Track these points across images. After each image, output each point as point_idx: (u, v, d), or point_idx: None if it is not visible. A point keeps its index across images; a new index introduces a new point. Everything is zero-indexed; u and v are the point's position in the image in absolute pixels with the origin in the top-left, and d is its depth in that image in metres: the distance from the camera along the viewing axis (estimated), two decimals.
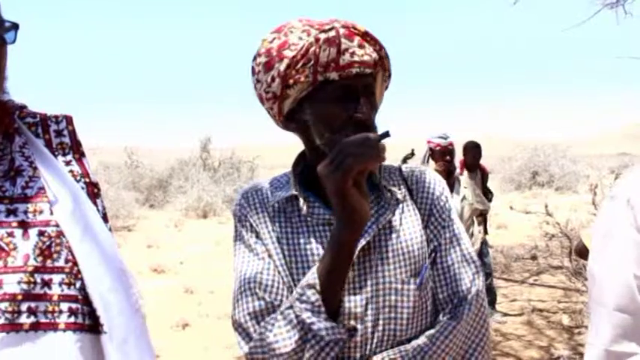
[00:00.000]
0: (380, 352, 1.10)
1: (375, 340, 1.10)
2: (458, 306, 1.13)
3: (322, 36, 1.08)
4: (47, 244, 0.89)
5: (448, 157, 4.27)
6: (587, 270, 1.28)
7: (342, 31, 1.10)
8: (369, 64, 1.11)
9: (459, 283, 1.15)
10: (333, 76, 1.08)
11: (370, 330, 1.10)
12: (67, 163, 1.01)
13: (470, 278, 1.16)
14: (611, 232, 1.21)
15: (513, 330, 5.24)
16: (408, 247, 1.14)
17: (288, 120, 1.17)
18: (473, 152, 5.44)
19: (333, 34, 1.09)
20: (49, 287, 0.87)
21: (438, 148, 4.28)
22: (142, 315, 0.98)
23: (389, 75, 1.21)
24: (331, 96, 1.09)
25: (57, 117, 1.04)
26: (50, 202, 0.93)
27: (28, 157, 0.96)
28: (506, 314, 5.61)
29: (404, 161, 1.25)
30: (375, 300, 1.11)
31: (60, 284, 0.89)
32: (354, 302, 1.10)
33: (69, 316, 0.88)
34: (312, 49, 1.07)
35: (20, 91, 1.01)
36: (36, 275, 0.86)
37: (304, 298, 1.02)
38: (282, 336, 1.03)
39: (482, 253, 5.55)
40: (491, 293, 5.66)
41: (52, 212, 0.92)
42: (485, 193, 5.71)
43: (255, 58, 1.17)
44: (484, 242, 5.64)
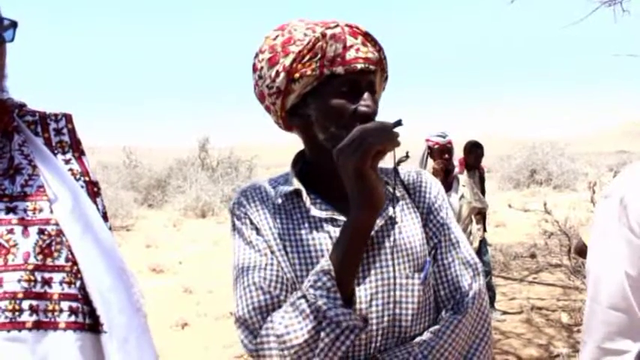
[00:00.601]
0: (385, 348, 1.10)
1: (380, 336, 1.10)
2: (460, 302, 1.14)
3: (328, 32, 1.10)
4: (47, 242, 0.89)
5: (447, 156, 4.27)
6: (585, 268, 1.28)
7: (346, 29, 1.12)
8: (373, 61, 1.12)
9: (460, 280, 1.16)
10: (339, 70, 1.09)
11: (375, 326, 1.10)
12: (67, 161, 1.01)
13: (470, 275, 1.16)
14: (604, 230, 1.22)
15: (512, 328, 5.24)
16: (410, 242, 1.15)
17: (291, 115, 1.18)
18: (476, 152, 5.51)
19: (338, 30, 1.11)
20: (50, 286, 0.87)
21: (437, 146, 4.28)
22: (143, 314, 0.98)
23: (386, 77, 1.22)
24: (337, 90, 1.10)
25: (56, 115, 1.03)
26: (50, 200, 0.93)
27: (27, 156, 0.95)
28: (505, 312, 5.62)
29: (398, 163, 1.26)
30: (379, 295, 1.11)
31: (60, 283, 0.88)
32: (358, 298, 1.08)
33: (69, 316, 0.88)
34: (319, 43, 1.09)
35: (19, 90, 1.01)
36: (36, 273, 0.86)
37: (319, 284, 1.01)
38: (294, 327, 1.01)
39: (482, 252, 5.55)
40: (490, 291, 5.66)
41: (51, 211, 0.92)
42: (483, 192, 5.73)
43: (257, 55, 1.17)
44: (483, 240, 5.64)
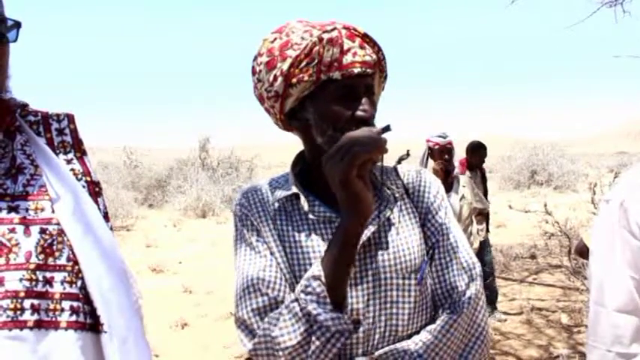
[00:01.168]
0: (382, 347, 1.11)
1: (376, 335, 1.11)
2: (457, 301, 1.15)
3: (325, 36, 1.10)
4: (49, 242, 0.89)
5: (447, 156, 4.27)
6: (587, 271, 1.29)
7: (343, 32, 1.12)
8: (370, 64, 1.13)
9: (457, 280, 1.16)
10: (336, 75, 1.10)
11: (372, 326, 1.11)
12: (69, 161, 1.01)
13: (468, 275, 1.17)
14: (606, 234, 1.23)
15: (512, 329, 5.24)
16: (407, 243, 1.16)
17: (290, 119, 1.19)
18: (480, 153, 5.56)
19: (335, 34, 1.11)
20: (51, 285, 0.87)
21: (437, 147, 4.28)
22: (140, 316, 0.99)
23: (385, 77, 1.22)
24: (334, 95, 1.11)
25: (59, 115, 1.04)
26: (52, 200, 0.93)
27: (29, 155, 0.96)
28: (505, 313, 5.61)
29: (399, 162, 1.27)
30: (376, 296, 1.12)
31: (62, 282, 0.89)
32: (355, 298, 1.11)
33: (70, 315, 0.88)
34: (316, 48, 1.09)
35: (21, 90, 1.01)
36: (38, 273, 0.86)
37: (309, 289, 1.03)
38: (287, 329, 1.04)
39: (484, 252, 5.56)
40: (492, 292, 5.67)
41: (53, 210, 0.92)
42: (485, 192, 5.74)
43: (255, 58, 1.18)
44: (486, 241, 5.64)
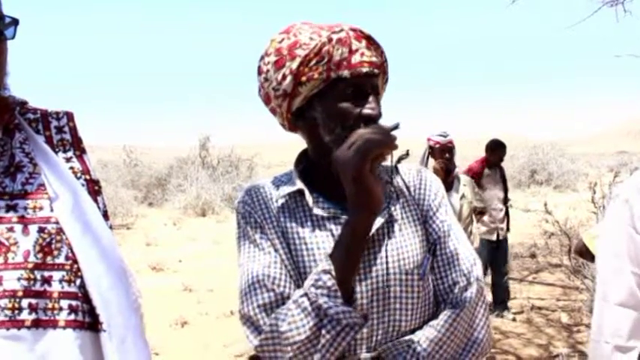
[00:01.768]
0: (385, 343, 1.12)
1: (380, 331, 1.13)
2: (459, 295, 1.16)
3: (334, 36, 1.12)
4: (47, 240, 0.89)
5: (447, 155, 4.27)
6: (588, 270, 1.33)
7: (351, 33, 1.14)
8: (376, 64, 1.15)
9: (458, 276, 1.18)
10: (345, 74, 1.11)
11: (376, 321, 1.12)
12: (68, 159, 1.01)
13: (468, 269, 1.18)
14: (611, 229, 1.26)
15: (512, 328, 5.24)
16: (410, 239, 1.18)
17: (297, 117, 1.20)
18: (500, 151, 5.65)
19: (344, 35, 1.13)
20: (50, 284, 0.87)
21: (438, 145, 4.28)
22: (140, 314, 0.98)
23: (387, 79, 1.24)
24: (342, 93, 1.12)
25: (58, 113, 1.03)
26: (50, 198, 0.93)
27: (28, 154, 0.95)
28: (505, 309, 5.61)
29: (398, 161, 1.28)
30: (380, 291, 1.13)
31: (60, 281, 0.88)
32: (359, 294, 1.12)
33: (69, 314, 0.88)
34: (326, 47, 1.11)
35: (21, 88, 1.00)
36: (36, 272, 0.86)
37: (320, 283, 1.04)
38: (296, 324, 1.04)
39: (501, 251, 5.58)
40: (505, 291, 5.67)
41: (52, 209, 0.92)
42: (506, 190, 5.77)
43: (262, 58, 1.19)
44: (505, 239, 5.65)
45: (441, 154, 4.28)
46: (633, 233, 1.20)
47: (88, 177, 1.01)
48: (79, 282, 0.90)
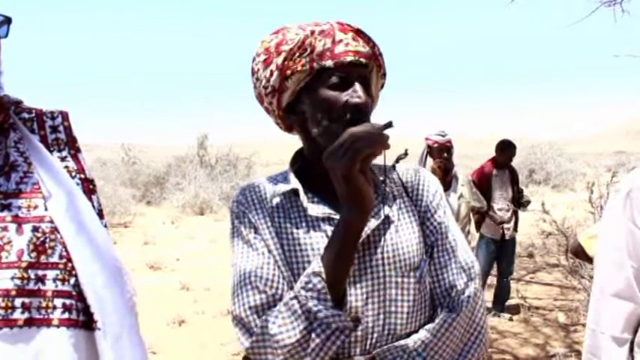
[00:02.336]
0: (380, 346, 1.11)
1: (375, 334, 1.11)
2: (456, 300, 1.15)
3: (317, 29, 1.12)
4: (41, 239, 0.89)
5: (446, 155, 4.27)
6: (584, 270, 1.35)
7: (335, 25, 1.14)
8: (363, 54, 1.13)
9: (456, 279, 1.16)
10: (329, 63, 1.10)
11: (371, 324, 1.11)
12: (63, 159, 1.01)
13: (467, 274, 1.17)
14: (611, 222, 1.28)
15: (509, 327, 5.25)
16: (406, 240, 1.16)
17: (287, 114, 1.19)
18: (509, 151, 5.65)
19: (327, 27, 1.13)
20: (43, 283, 0.87)
21: (436, 145, 4.28)
22: (135, 313, 0.98)
23: (384, 74, 1.22)
24: (327, 83, 1.11)
25: (53, 113, 1.03)
26: (45, 197, 0.93)
27: (23, 153, 0.95)
28: (502, 310, 5.62)
29: (397, 161, 1.28)
30: (375, 294, 1.12)
31: (54, 280, 0.88)
32: (354, 296, 1.10)
33: (63, 312, 0.88)
34: (308, 40, 1.11)
35: (16, 87, 1.00)
36: (30, 271, 0.86)
37: (310, 286, 1.03)
38: (287, 327, 1.03)
39: (505, 251, 5.58)
40: (506, 291, 5.68)
41: (46, 208, 0.92)
42: (520, 191, 5.77)
43: (254, 59, 1.19)
44: (511, 240, 5.64)
45: (440, 153, 4.28)
46: (633, 227, 1.22)
47: (82, 176, 1.01)
48: (73, 281, 0.90)
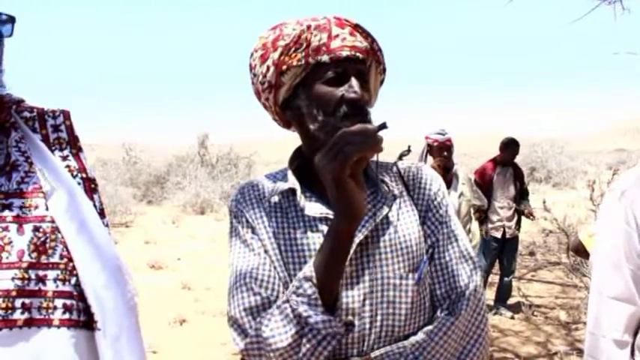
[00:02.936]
0: (378, 348, 1.09)
1: (372, 335, 1.10)
2: (456, 302, 1.13)
3: (313, 23, 1.11)
4: (42, 239, 0.89)
5: (446, 153, 4.27)
6: (586, 267, 1.35)
7: (332, 20, 1.13)
8: (360, 49, 1.12)
9: (457, 280, 1.14)
10: (325, 58, 1.09)
11: (368, 326, 1.09)
12: (64, 158, 1.00)
13: (467, 274, 1.15)
14: (607, 223, 1.27)
15: (511, 326, 5.25)
16: (405, 242, 1.14)
17: (284, 109, 1.18)
18: (512, 150, 5.66)
19: (324, 22, 1.12)
20: (44, 283, 0.87)
21: (436, 144, 4.28)
22: (135, 313, 0.98)
23: (383, 69, 1.21)
24: (323, 78, 1.10)
25: (54, 112, 1.03)
26: (46, 197, 0.92)
27: (24, 152, 0.95)
28: (503, 306, 5.62)
29: (400, 158, 1.27)
30: (373, 295, 1.10)
31: (55, 280, 0.88)
32: (351, 297, 1.09)
33: (63, 313, 0.88)
34: (304, 35, 1.10)
35: (17, 86, 1.00)
36: (30, 271, 0.86)
37: (301, 291, 1.02)
38: (279, 330, 1.02)
39: (507, 249, 5.58)
40: (508, 290, 5.68)
41: (47, 208, 0.92)
42: (525, 191, 5.75)
43: (251, 55, 1.19)
44: (513, 238, 5.63)
45: (440, 152, 4.28)
46: (628, 228, 1.21)
47: (84, 175, 1.01)
48: (74, 281, 0.90)
